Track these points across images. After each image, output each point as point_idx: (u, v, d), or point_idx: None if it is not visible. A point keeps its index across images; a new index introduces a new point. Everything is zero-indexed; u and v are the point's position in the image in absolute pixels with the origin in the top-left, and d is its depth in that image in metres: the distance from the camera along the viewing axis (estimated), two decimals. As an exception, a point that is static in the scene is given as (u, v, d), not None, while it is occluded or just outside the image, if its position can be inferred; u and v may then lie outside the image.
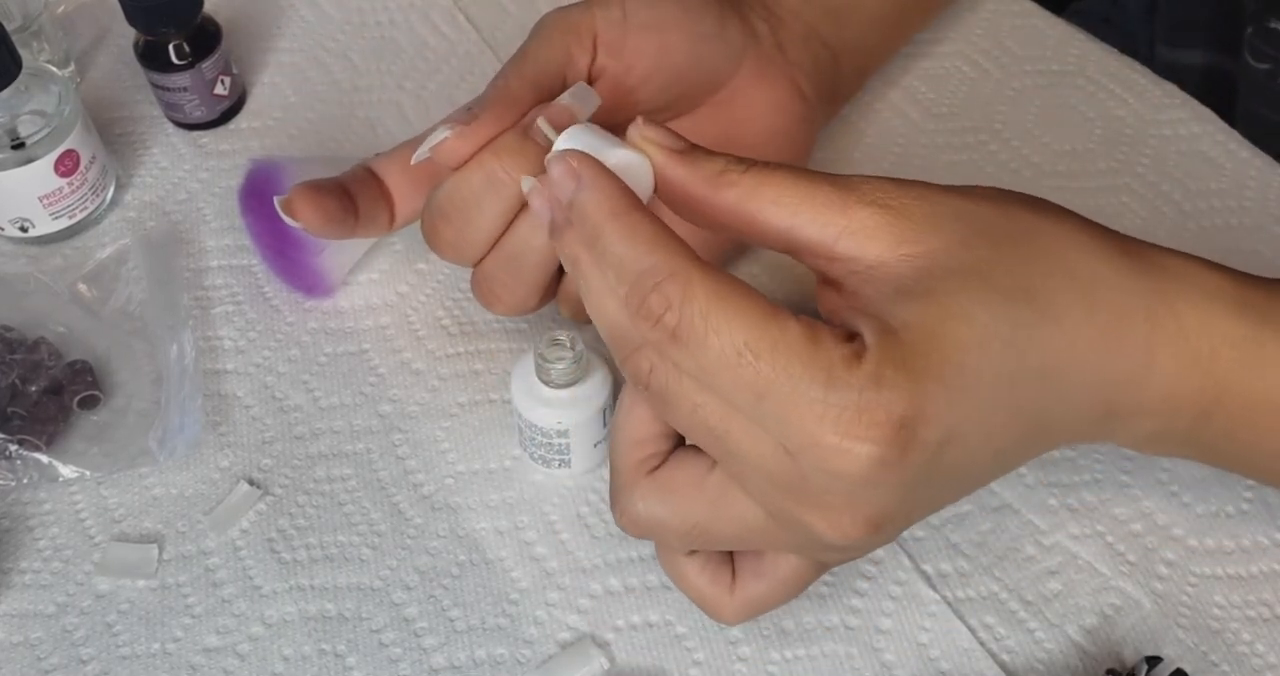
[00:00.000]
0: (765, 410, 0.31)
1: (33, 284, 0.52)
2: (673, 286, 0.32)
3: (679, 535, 0.37)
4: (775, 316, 0.32)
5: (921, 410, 0.31)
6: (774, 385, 0.31)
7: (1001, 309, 0.33)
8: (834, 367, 0.31)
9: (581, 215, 0.33)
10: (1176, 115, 0.58)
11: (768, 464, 0.33)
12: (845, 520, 0.33)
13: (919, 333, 0.32)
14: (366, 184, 0.46)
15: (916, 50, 0.61)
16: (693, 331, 0.31)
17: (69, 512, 0.47)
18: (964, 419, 0.32)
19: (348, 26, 0.63)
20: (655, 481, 0.37)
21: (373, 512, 0.46)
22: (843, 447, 0.31)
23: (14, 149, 0.51)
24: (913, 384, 0.31)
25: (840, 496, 0.32)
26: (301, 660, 0.43)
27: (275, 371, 0.50)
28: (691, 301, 0.31)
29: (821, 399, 0.31)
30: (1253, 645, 0.43)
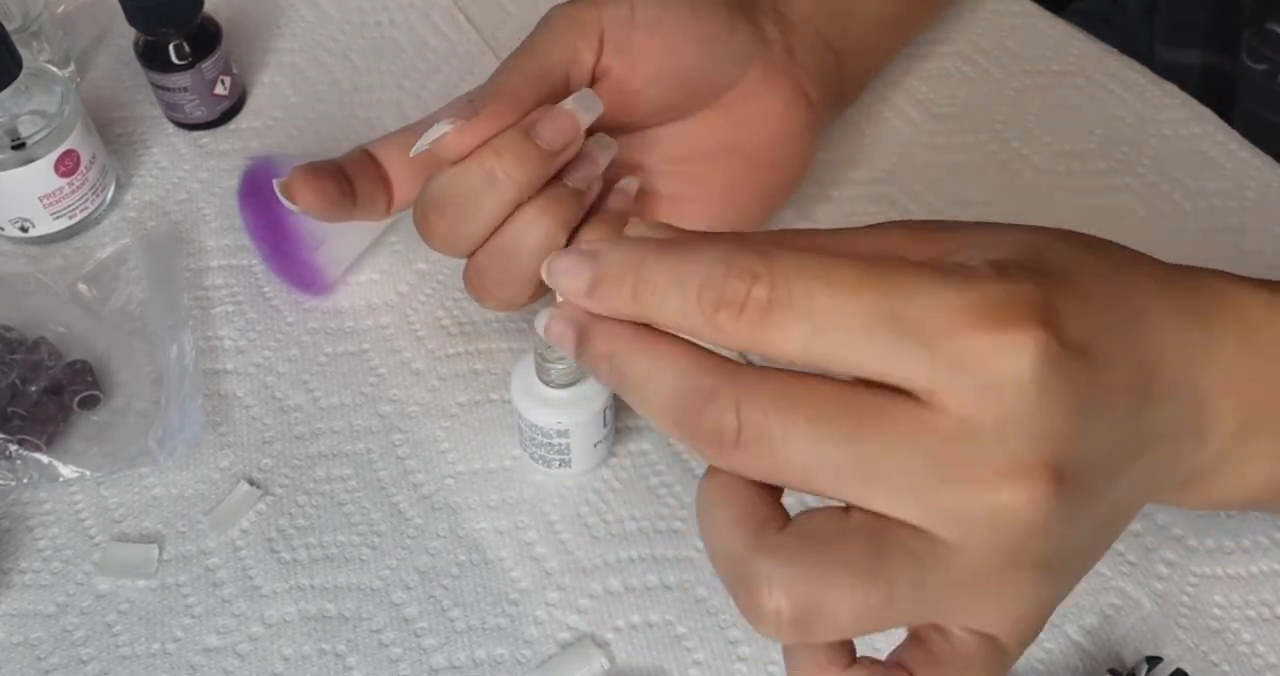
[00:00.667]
0: (903, 335, 0.27)
1: (33, 284, 0.52)
2: (749, 258, 0.28)
3: (847, 600, 0.28)
4: (874, 257, 0.28)
5: (1060, 302, 0.28)
6: (905, 300, 0.27)
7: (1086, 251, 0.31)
8: (954, 274, 0.28)
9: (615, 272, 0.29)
10: (1176, 115, 0.58)
11: (917, 436, 0.27)
12: (1022, 467, 0.27)
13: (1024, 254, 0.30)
14: (365, 167, 0.46)
15: (917, 50, 0.61)
16: (793, 286, 0.27)
17: (69, 512, 0.47)
18: (1100, 328, 0.29)
19: (348, 26, 0.63)
20: (791, 536, 0.29)
21: (373, 512, 0.46)
22: (1001, 344, 0.27)
23: (14, 149, 0.51)
24: (1041, 277, 0.28)
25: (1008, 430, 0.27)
26: (301, 660, 0.43)
27: (275, 371, 0.50)
28: (778, 262, 0.28)
29: (960, 296, 0.27)
30: (1253, 645, 0.43)
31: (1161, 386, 0.32)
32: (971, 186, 0.55)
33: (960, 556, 0.28)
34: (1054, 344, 0.27)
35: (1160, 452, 0.33)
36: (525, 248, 0.42)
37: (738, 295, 0.28)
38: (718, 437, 0.28)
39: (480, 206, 0.42)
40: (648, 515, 0.46)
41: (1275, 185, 0.55)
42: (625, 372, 0.30)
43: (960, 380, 0.27)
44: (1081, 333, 0.28)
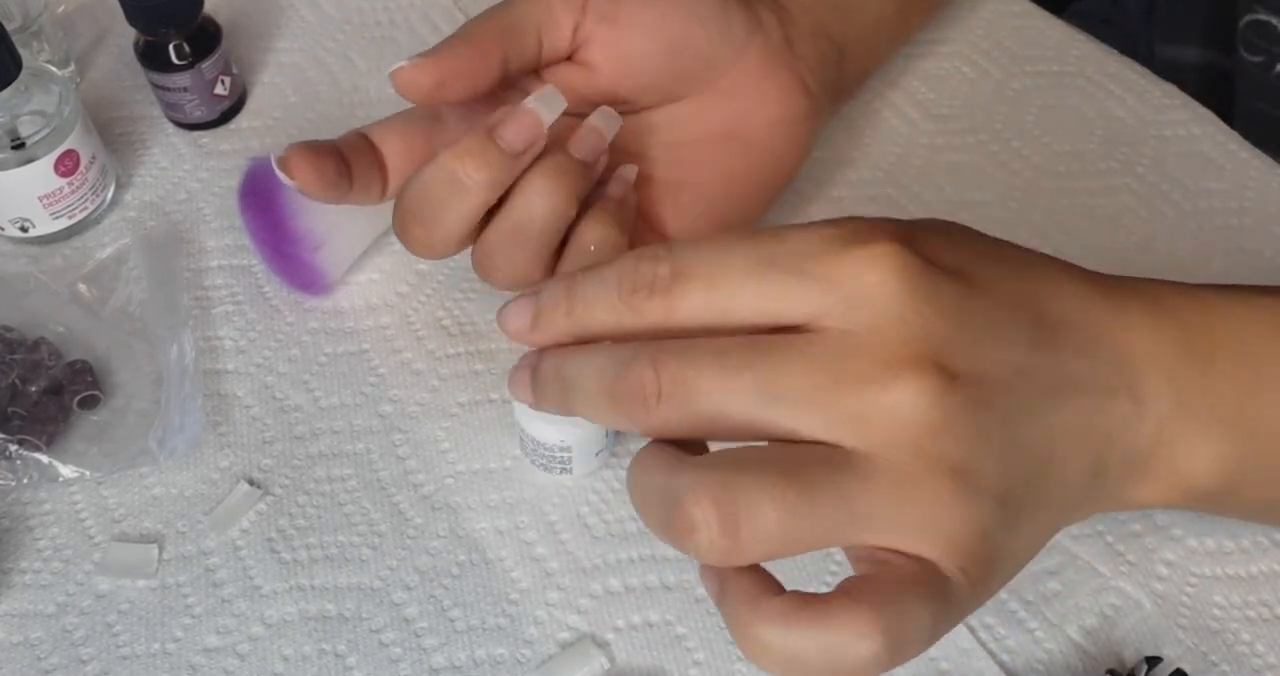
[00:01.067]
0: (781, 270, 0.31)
1: (33, 284, 0.52)
2: (654, 249, 0.33)
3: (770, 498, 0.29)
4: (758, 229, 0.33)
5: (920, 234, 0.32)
6: (779, 244, 0.31)
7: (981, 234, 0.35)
8: (822, 222, 0.32)
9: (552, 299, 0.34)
10: (1176, 116, 0.58)
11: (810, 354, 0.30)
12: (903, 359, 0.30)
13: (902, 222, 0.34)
14: (361, 150, 0.46)
15: (917, 50, 0.61)
16: (690, 262, 0.32)
17: (69, 512, 0.47)
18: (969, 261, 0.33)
19: (348, 26, 0.63)
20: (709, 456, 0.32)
21: (373, 512, 0.46)
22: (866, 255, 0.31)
23: (14, 149, 0.51)
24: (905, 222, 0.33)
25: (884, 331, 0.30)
26: (302, 660, 0.43)
27: (275, 371, 0.50)
28: (678, 245, 0.32)
29: (824, 229, 0.32)
30: (1252, 645, 0.43)
31: (1066, 338, 0.33)
32: (971, 187, 0.55)
33: (872, 463, 0.30)
34: (913, 257, 0.31)
35: (1089, 405, 0.34)
36: (535, 219, 0.42)
37: (646, 277, 0.32)
38: (642, 395, 0.31)
39: (449, 211, 0.42)
40: (648, 515, 0.46)
41: (1275, 185, 0.55)
42: (566, 377, 0.33)
43: (834, 297, 0.31)
44: (945, 258, 0.32)
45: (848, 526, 0.30)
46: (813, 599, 0.30)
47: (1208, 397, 0.36)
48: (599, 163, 0.44)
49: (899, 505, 0.30)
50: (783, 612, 0.29)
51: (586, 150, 0.43)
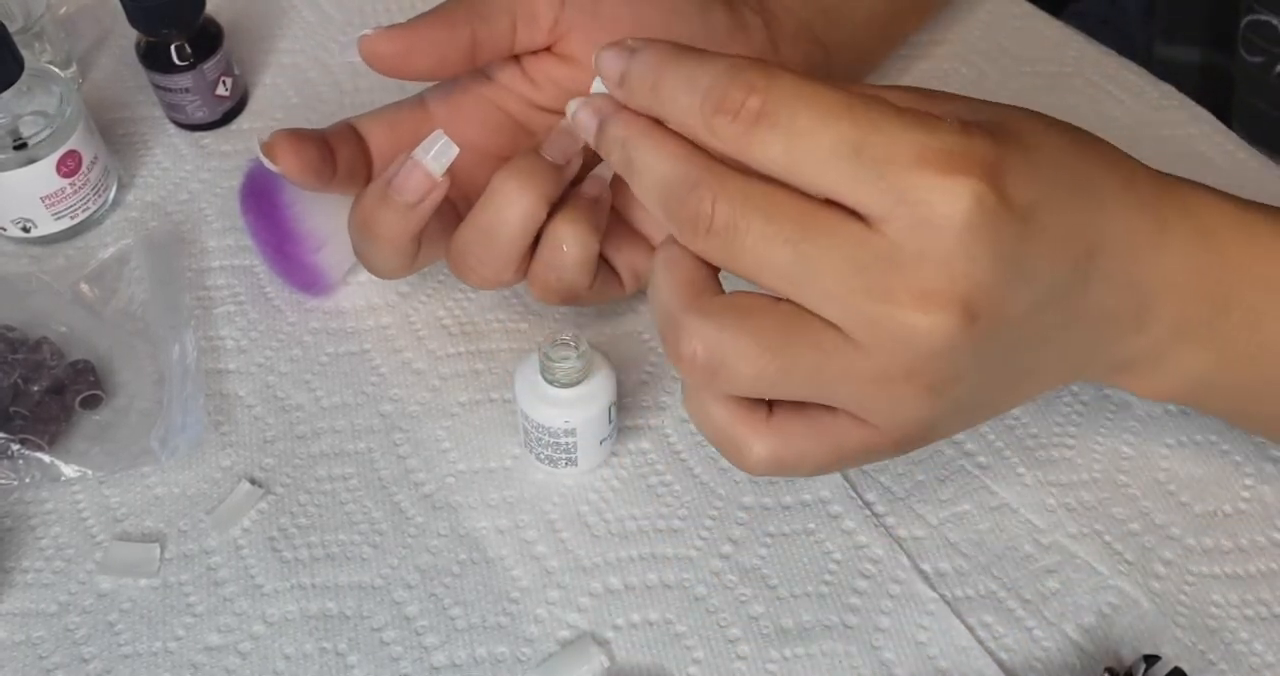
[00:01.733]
0: (861, 165, 0.31)
1: (35, 284, 0.52)
2: (754, 72, 0.31)
3: (749, 364, 0.33)
4: (861, 92, 0.32)
5: (1009, 165, 0.31)
6: (872, 133, 0.31)
7: (1056, 129, 0.35)
8: (925, 119, 0.31)
9: (640, 70, 0.33)
10: (1174, 116, 0.58)
11: (854, 250, 0.31)
12: (940, 296, 0.31)
13: (993, 120, 0.33)
14: (348, 139, 0.46)
15: (915, 51, 0.61)
16: (781, 105, 0.31)
17: (71, 512, 0.47)
18: (1042, 198, 0.32)
19: (349, 27, 0.63)
20: (719, 302, 0.34)
21: (374, 511, 0.46)
22: (944, 185, 0.30)
23: (16, 149, 0.51)
24: (998, 143, 0.32)
25: (934, 262, 0.31)
26: (303, 658, 0.43)
27: (277, 371, 0.50)
28: (777, 80, 0.31)
29: (920, 140, 0.31)
30: (1250, 644, 0.43)
31: (1100, 269, 0.35)
32: (970, 187, 0.56)
33: (863, 357, 0.33)
34: (991, 196, 0.31)
35: (1092, 332, 0.36)
36: (505, 223, 0.43)
37: (734, 103, 0.31)
38: (694, 223, 0.32)
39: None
40: (647, 514, 0.46)
41: (1272, 186, 0.55)
42: (631, 157, 0.34)
43: (900, 210, 0.31)
44: (1022, 195, 0.32)
45: (814, 396, 0.35)
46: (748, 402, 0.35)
47: (1209, 333, 0.38)
48: (572, 164, 0.44)
49: (870, 394, 0.34)
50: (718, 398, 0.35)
51: (558, 152, 0.43)
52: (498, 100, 0.48)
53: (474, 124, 0.47)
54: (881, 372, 0.33)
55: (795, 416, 0.36)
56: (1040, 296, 0.33)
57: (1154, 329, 0.37)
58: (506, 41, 0.45)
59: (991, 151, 0.31)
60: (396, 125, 0.47)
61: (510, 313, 0.52)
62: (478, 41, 0.44)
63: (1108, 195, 0.35)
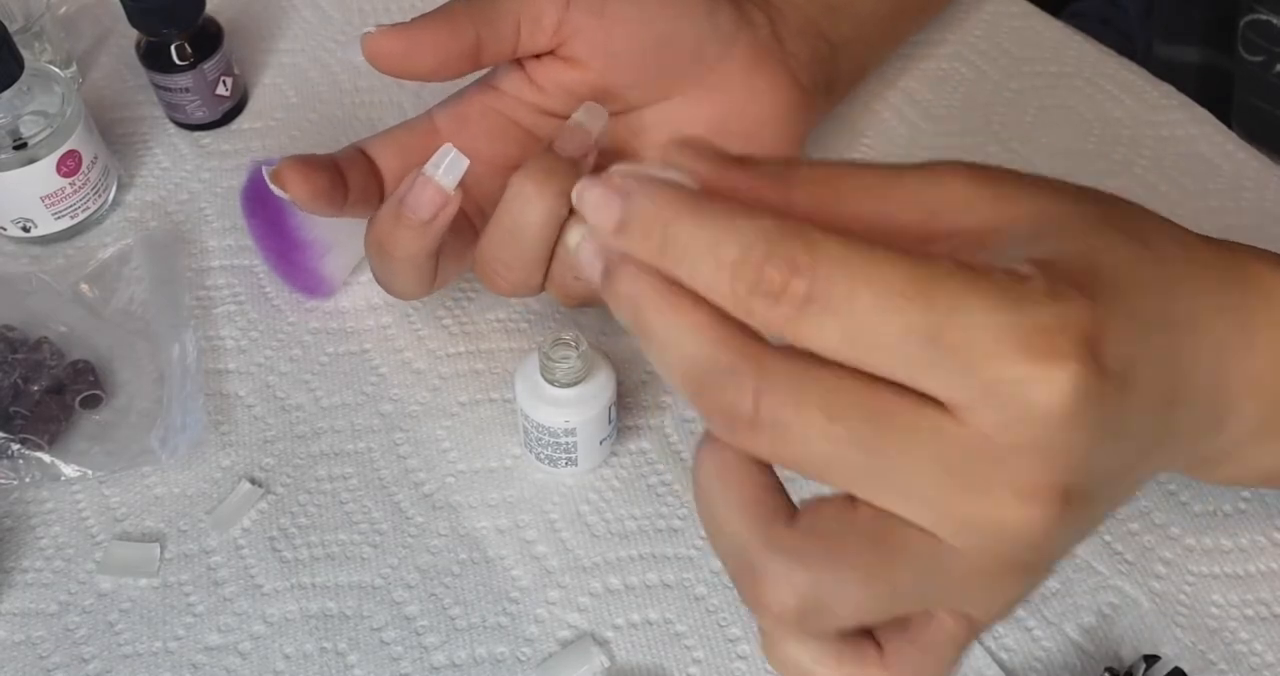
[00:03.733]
0: (939, 354, 0.26)
1: (35, 283, 0.52)
2: (793, 245, 0.26)
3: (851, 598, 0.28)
4: (919, 254, 0.27)
5: (1106, 330, 0.27)
6: (948, 316, 0.26)
7: (1138, 248, 0.30)
8: (1006, 286, 0.26)
9: (644, 222, 0.28)
10: (1174, 116, 0.58)
11: (937, 447, 0.27)
12: (1038, 490, 0.27)
13: (1073, 259, 0.28)
14: (358, 163, 0.46)
15: (915, 51, 0.61)
16: (833, 286, 0.26)
17: (71, 511, 0.47)
18: (1139, 354, 0.28)
19: (349, 27, 0.63)
20: (800, 534, 0.29)
21: (374, 511, 0.46)
22: (1041, 375, 0.26)
23: (16, 149, 0.51)
24: (1093, 302, 0.27)
25: (1030, 455, 0.27)
26: (303, 658, 0.43)
27: (277, 371, 0.50)
28: (823, 254, 0.26)
29: (1006, 320, 0.26)
30: (1250, 644, 0.43)
31: (1186, 390, 0.32)
32: (970, 187, 0.56)
33: (961, 559, 0.29)
34: (1093, 378, 0.27)
35: (1172, 448, 0.33)
36: (529, 224, 0.42)
37: (775, 285, 0.26)
38: (731, 417, 0.28)
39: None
40: (647, 514, 0.46)
41: (1272, 185, 0.55)
42: (646, 325, 0.29)
43: (991, 403, 0.27)
44: (1121, 360, 0.28)
45: (915, 609, 0.30)
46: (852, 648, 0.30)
47: None
48: (587, 160, 0.43)
49: (969, 591, 0.30)
50: (823, 650, 0.30)
51: (573, 147, 0.43)
52: (505, 110, 0.47)
53: (483, 136, 0.47)
54: (978, 570, 0.29)
55: (907, 647, 0.31)
56: (1130, 448, 0.30)
57: (1233, 430, 0.34)
58: (510, 43, 0.45)
59: (1088, 318, 0.27)
60: (406, 145, 0.46)
61: (510, 312, 0.52)
62: (481, 42, 0.44)
63: (1195, 309, 0.31)
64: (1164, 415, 0.31)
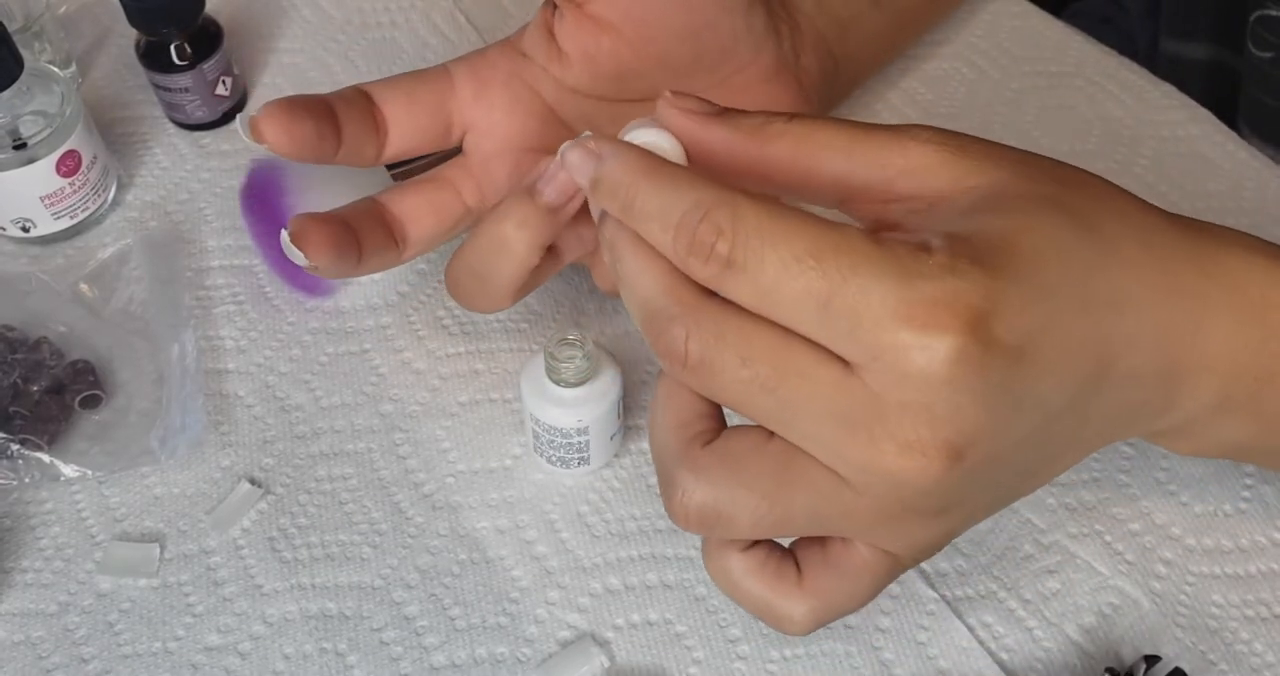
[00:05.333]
0: (832, 317, 0.30)
1: (34, 283, 0.52)
2: (721, 213, 0.30)
3: (746, 514, 0.33)
4: (832, 224, 0.30)
5: (998, 305, 0.30)
6: (840, 284, 0.29)
7: (1073, 230, 0.32)
8: (903, 259, 0.30)
9: (610, 184, 0.32)
10: (1175, 116, 0.58)
11: (833, 398, 0.30)
12: (923, 445, 0.30)
13: (992, 237, 0.31)
14: (356, 107, 0.43)
15: (916, 51, 0.61)
16: (748, 251, 0.30)
17: (70, 512, 0.47)
18: (1041, 328, 0.31)
19: (349, 27, 0.63)
20: (711, 453, 0.33)
21: (374, 512, 0.46)
22: (920, 343, 0.29)
23: (16, 149, 0.51)
24: (988, 277, 0.30)
25: (915, 413, 0.30)
26: (303, 658, 0.43)
27: (277, 371, 0.50)
28: (742, 222, 0.30)
29: (893, 291, 0.29)
30: (1251, 644, 0.43)
31: (1123, 370, 0.33)
32: (970, 187, 0.56)
33: (858, 497, 0.32)
34: (974, 347, 0.29)
35: (1115, 422, 0.35)
36: (499, 273, 0.41)
37: (704, 246, 0.31)
38: (671, 356, 0.32)
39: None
40: (647, 514, 0.46)
41: (1273, 185, 0.55)
42: (618, 266, 0.33)
43: (877, 365, 0.30)
44: (1015, 332, 0.30)
45: (818, 533, 0.35)
46: (770, 563, 0.35)
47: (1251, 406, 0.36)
48: (571, 205, 0.40)
49: (875, 529, 0.34)
50: (739, 566, 0.35)
51: (554, 193, 0.40)
52: (528, 78, 0.45)
53: (501, 106, 0.45)
54: (879, 510, 0.32)
55: (824, 570, 0.35)
56: (1039, 420, 0.32)
57: (1188, 406, 0.36)
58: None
59: (978, 293, 0.30)
60: (416, 95, 0.44)
61: (511, 312, 0.52)
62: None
63: (1135, 290, 0.33)
64: (1087, 389, 0.33)
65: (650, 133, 0.35)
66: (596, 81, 0.45)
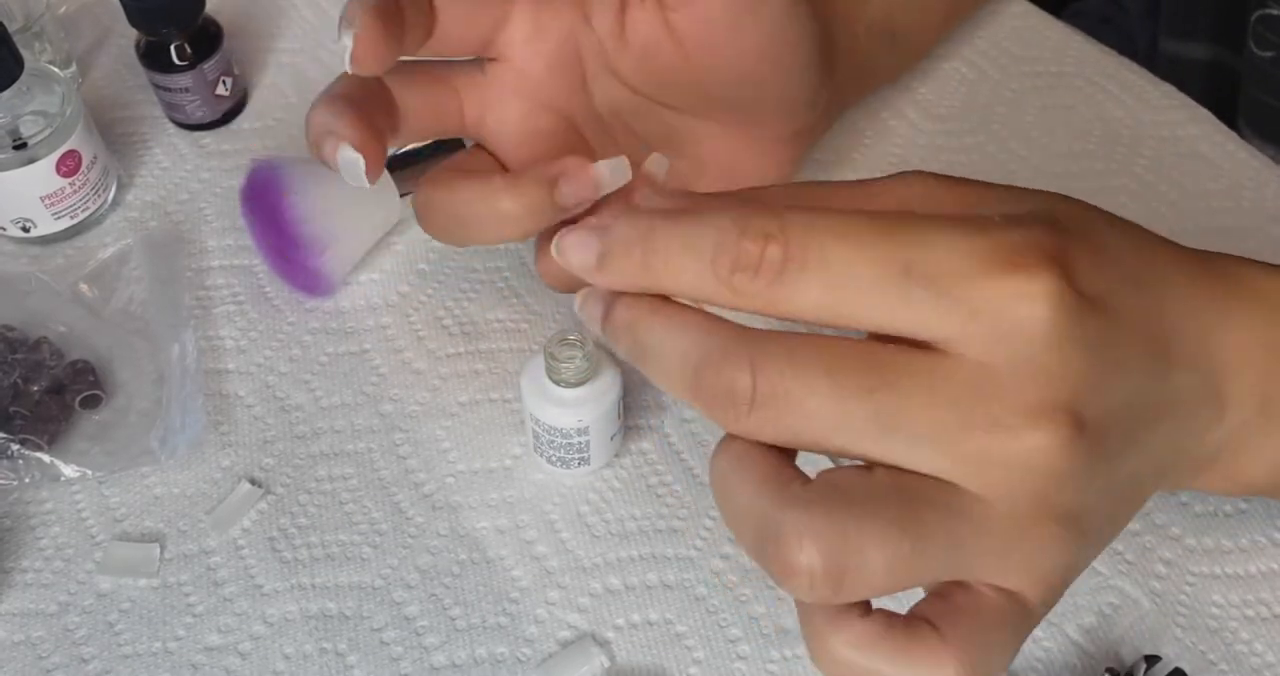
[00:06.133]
0: (917, 286, 0.27)
1: (34, 283, 0.52)
2: (762, 220, 0.28)
3: (880, 549, 0.27)
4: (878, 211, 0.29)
5: (1072, 256, 0.28)
6: (919, 249, 0.27)
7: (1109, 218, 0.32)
8: (969, 221, 0.28)
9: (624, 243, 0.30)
10: (1174, 116, 0.58)
11: (937, 386, 0.27)
12: (1043, 410, 0.27)
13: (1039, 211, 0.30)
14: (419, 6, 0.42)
15: (916, 51, 0.61)
16: (807, 247, 0.28)
17: (71, 512, 0.47)
18: (1114, 287, 0.29)
19: (348, 27, 0.63)
20: (817, 490, 0.28)
21: (374, 512, 0.46)
22: (1015, 289, 0.27)
23: (16, 149, 0.51)
24: (1056, 232, 0.28)
25: (1026, 374, 0.27)
26: (303, 659, 0.43)
27: (277, 371, 0.50)
28: (792, 223, 0.28)
29: (975, 244, 0.27)
30: (1251, 644, 0.43)
31: (1179, 354, 0.32)
32: (970, 187, 0.56)
33: (988, 507, 0.28)
34: (1069, 290, 0.28)
35: (1177, 423, 0.32)
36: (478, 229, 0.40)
37: (752, 257, 0.28)
38: (732, 399, 0.28)
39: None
40: (648, 514, 0.46)
41: (1273, 185, 0.55)
42: (643, 342, 0.30)
43: (975, 326, 0.27)
44: (1096, 284, 0.29)
45: (953, 570, 0.29)
46: (897, 625, 0.29)
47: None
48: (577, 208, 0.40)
49: (1008, 549, 0.29)
50: (865, 636, 0.29)
51: (569, 195, 0.39)
52: (582, 41, 0.44)
53: (545, 57, 0.43)
54: (1010, 518, 0.29)
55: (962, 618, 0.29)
56: (1132, 389, 0.30)
57: (1235, 414, 0.34)
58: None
59: (1053, 241, 0.28)
60: (475, 9, 0.42)
61: (511, 312, 0.52)
62: None
63: (1166, 277, 0.32)
64: (1158, 364, 0.31)
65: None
66: (639, 75, 0.44)
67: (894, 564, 0.28)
